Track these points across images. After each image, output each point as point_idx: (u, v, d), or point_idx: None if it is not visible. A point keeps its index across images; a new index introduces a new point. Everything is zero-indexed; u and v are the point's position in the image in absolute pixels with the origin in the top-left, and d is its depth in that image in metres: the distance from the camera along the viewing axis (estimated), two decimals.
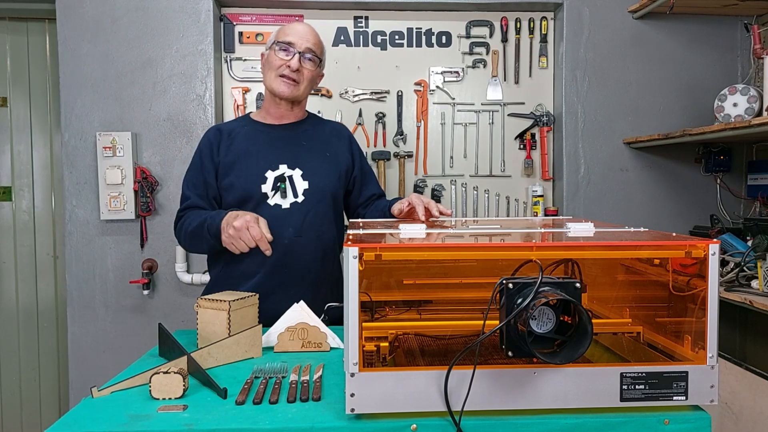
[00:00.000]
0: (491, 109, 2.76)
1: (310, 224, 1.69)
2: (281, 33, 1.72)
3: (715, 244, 0.98)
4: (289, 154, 1.72)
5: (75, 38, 2.53)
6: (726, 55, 2.73)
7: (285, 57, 1.69)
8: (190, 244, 1.69)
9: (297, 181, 1.70)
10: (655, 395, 0.98)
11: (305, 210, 1.69)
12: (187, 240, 1.68)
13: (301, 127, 1.80)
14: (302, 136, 1.77)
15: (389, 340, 1.18)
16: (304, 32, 1.72)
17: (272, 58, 1.71)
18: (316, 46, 1.72)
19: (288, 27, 1.73)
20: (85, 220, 2.56)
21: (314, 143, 1.77)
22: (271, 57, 1.72)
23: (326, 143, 1.79)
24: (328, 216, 1.74)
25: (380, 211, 1.78)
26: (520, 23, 2.74)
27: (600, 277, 1.32)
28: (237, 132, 1.75)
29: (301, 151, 1.74)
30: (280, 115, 1.77)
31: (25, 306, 2.87)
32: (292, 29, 1.72)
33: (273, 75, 1.71)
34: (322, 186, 1.72)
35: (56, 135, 2.83)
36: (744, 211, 2.74)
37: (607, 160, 2.70)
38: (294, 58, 1.68)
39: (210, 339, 1.32)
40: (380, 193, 1.90)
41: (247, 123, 1.79)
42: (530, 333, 0.93)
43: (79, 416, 0.98)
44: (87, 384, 2.54)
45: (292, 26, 1.74)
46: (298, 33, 1.71)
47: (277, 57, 1.70)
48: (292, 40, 1.69)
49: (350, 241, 0.98)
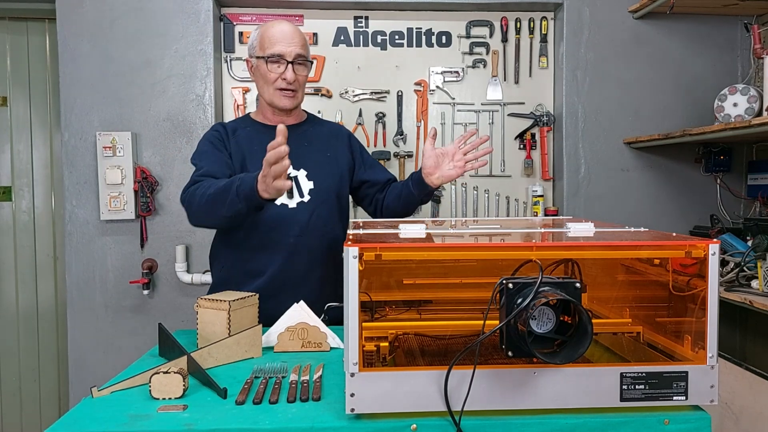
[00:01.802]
0: (491, 109, 2.76)
1: (315, 223, 1.70)
2: (266, 41, 1.67)
3: (715, 244, 0.98)
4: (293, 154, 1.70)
5: (75, 38, 2.53)
6: (726, 55, 2.73)
7: (279, 70, 1.67)
8: (206, 208, 1.50)
9: (302, 181, 1.71)
10: (655, 395, 0.98)
11: (311, 209, 1.70)
12: (203, 205, 1.50)
13: (302, 128, 1.80)
14: (304, 137, 1.78)
15: (389, 340, 1.19)
16: (290, 37, 1.67)
17: (264, 71, 1.68)
18: (303, 48, 1.70)
19: (272, 33, 1.67)
20: (85, 220, 2.56)
21: (316, 144, 1.78)
22: (262, 69, 1.69)
23: (326, 144, 1.80)
24: (333, 215, 1.75)
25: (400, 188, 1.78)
26: (520, 23, 2.74)
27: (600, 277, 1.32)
28: (240, 132, 1.75)
29: (304, 151, 1.74)
30: (280, 120, 1.77)
31: (25, 306, 2.87)
32: (277, 36, 1.66)
33: (271, 89, 1.69)
34: (326, 185, 1.74)
35: (56, 135, 2.83)
36: (744, 211, 2.74)
37: (607, 160, 2.70)
38: (288, 70, 1.66)
39: (210, 339, 1.32)
40: (393, 178, 1.91)
41: (249, 123, 1.79)
42: (530, 333, 0.93)
43: (79, 416, 0.98)
44: (87, 384, 2.54)
45: (275, 32, 1.67)
46: (284, 39, 1.66)
47: (269, 71, 1.67)
48: (281, 51, 1.65)
49: (350, 241, 0.98)
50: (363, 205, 1.92)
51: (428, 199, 1.79)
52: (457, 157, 1.66)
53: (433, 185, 1.68)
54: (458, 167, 1.66)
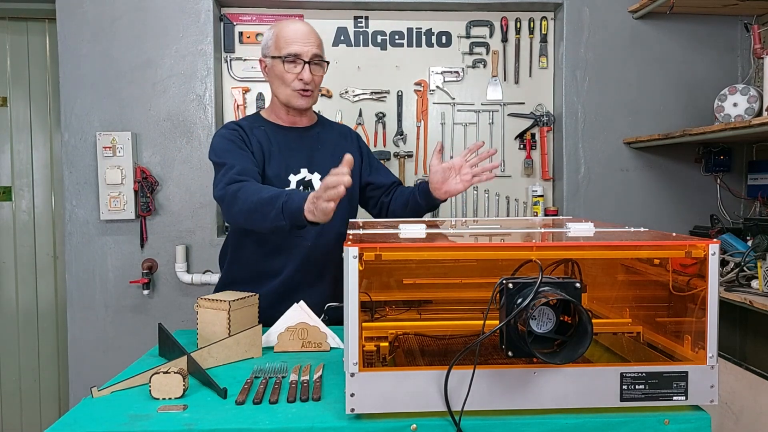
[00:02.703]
0: (491, 109, 2.76)
1: (330, 225, 1.68)
2: (283, 41, 1.66)
3: (715, 244, 0.98)
4: (307, 158, 1.73)
5: (75, 38, 2.53)
6: (726, 55, 2.73)
7: (295, 70, 1.65)
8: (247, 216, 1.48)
9: (316, 184, 1.71)
10: (655, 395, 0.98)
11: None
12: (244, 211, 1.48)
13: (314, 130, 1.80)
14: (317, 140, 1.78)
15: (389, 340, 1.19)
16: (307, 36, 1.66)
17: (280, 71, 1.66)
18: (319, 48, 1.69)
19: (288, 32, 1.66)
20: (85, 220, 2.56)
21: (327, 147, 1.78)
22: (278, 69, 1.67)
23: (338, 146, 1.79)
24: (345, 218, 1.75)
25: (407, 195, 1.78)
26: (520, 23, 2.74)
27: (600, 277, 1.32)
28: (256, 132, 1.72)
29: (317, 155, 1.75)
30: (293, 121, 1.77)
31: (25, 306, 2.87)
32: (294, 35, 1.65)
33: (288, 90, 1.67)
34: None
35: (56, 135, 2.83)
36: (744, 211, 2.74)
37: (607, 160, 2.70)
38: (305, 71, 1.65)
39: (210, 339, 1.32)
40: (398, 182, 1.90)
41: (262, 123, 1.77)
42: (530, 333, 0.93)
43: (79, 416, 0.98)
44: (87, 384, 2.54)
45: (291, 31, 1.67)
46: (301, 39, 1.65)
47: (286, 71, 1.65)
48: (298, 51, 1.64)
49: (350, 241, 0.98)
50: (368, 207, 1.92)
51: (435, 208, 1.80)
52: (464, 170, 1.66)
53: (441, 199, 1.69)
54: (465, 181, 1.65)
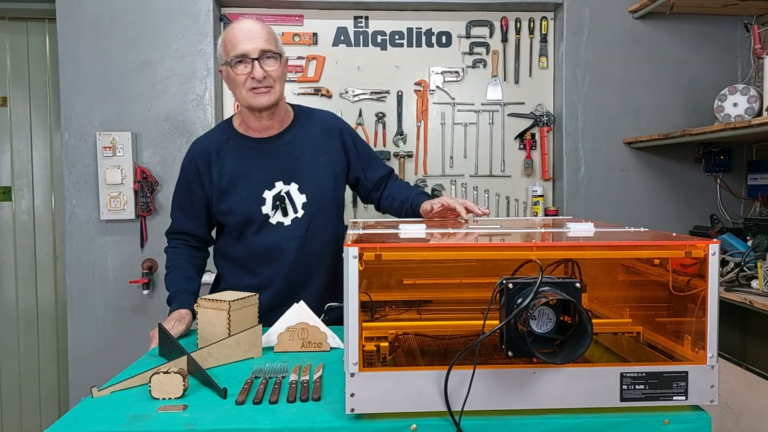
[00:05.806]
0: (491, 109, 2.76)
1: (313, 235, 1.68)
2: (230, 45, 1.59)
3: (715, 244, 0.98)
4: (283, 169, 1.67)
5: (75, 38, 2.53)
6: (726, 55, 2.73)
7: (246, 70, 1.58)
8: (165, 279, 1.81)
9: (295, 196, 1.67)
10: (655, 395, 0.98)
11: (306, 223, 1.67)
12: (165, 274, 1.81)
13: (289, 135, 1.71)
14: (291, 146, 1.70)
15: (389, 340, 1.18)
16: (250, 34, 1.57)
17: (232, 75, 1.60)
18: (268, 42, 1.60)
19: (232, 35, 1.58)
20: (85, 220, 2.56)
21: (305, 152, 1.70)
22: (231, 74, 1.60)
23: (317, 148, 1.72)
24: (330, 221, 1.72)
25: (400, 202, 1.76)
26: (520, 23, 2.74)
27: (600, 277, 1.31)
28: (224, 151, 1.68)
29: (293, 163, 1.68)
30: (264, 128, 1.68)
31: (25, 306, 2.87)
32: (237, 36, 1.57)
33: (243, 92, 1.60)
34: (320, 195, 1.69)
35: (56, 135, 2.83)
36: (744, 211, 2.74)
37: (607, 160, 2.70)
38: (256, 68, 1.56)
39: (210, 339, 1.32)
40: (388, 173, 1.86)
41: (232, 136, 1.70)
42: (530, 333, 0.93)
43: (79, 416, 0.98)
44: (87, 384, 2.54)
45: (235, 32, 1.58)
46: (245, 38, 1.56)
47: (237, 74, 1.59)
48: (244, 50, 1.56)
49: (350, 241, 0.98)
50: (360, 197, 1.90)
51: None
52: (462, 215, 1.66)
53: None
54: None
